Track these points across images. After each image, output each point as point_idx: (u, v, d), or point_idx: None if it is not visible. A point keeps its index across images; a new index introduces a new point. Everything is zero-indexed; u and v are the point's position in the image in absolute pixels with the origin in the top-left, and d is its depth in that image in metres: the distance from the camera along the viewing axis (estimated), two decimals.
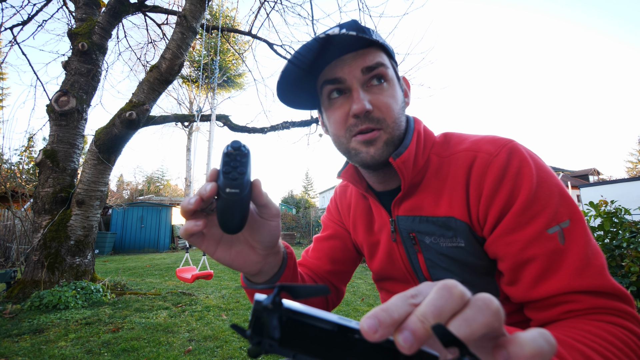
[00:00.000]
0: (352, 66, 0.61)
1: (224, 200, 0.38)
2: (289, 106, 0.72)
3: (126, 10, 4.80)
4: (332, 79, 0.63)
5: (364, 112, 0.60)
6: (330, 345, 0.25)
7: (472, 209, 0.60)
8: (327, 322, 0.25)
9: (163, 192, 33.53)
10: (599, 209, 2.34)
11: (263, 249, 0.50)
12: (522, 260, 0.53)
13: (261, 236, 0.48)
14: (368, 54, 0.61)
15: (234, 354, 2.48)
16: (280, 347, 0.25)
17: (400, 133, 0.64)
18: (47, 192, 4.12)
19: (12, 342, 2.61)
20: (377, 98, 0.61)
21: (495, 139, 0.62)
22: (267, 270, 0.55)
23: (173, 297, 4.20)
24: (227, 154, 0.39)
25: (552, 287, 0.50)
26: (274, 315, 0.24)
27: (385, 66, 0.62)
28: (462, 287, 0.25)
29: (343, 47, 0.60)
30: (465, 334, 0.23)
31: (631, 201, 8.73)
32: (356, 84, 0.61)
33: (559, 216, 0.52)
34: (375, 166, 0.65)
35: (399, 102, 0.64)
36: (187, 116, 6.65)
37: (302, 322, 0.25)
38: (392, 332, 0.24)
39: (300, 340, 0.25)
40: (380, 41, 0.62)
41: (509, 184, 0.55)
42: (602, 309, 0.48)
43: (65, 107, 4.21)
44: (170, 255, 10.41)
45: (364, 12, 5.49)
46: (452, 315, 0.24)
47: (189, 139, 19.67)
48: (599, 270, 0.49)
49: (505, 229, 0.55)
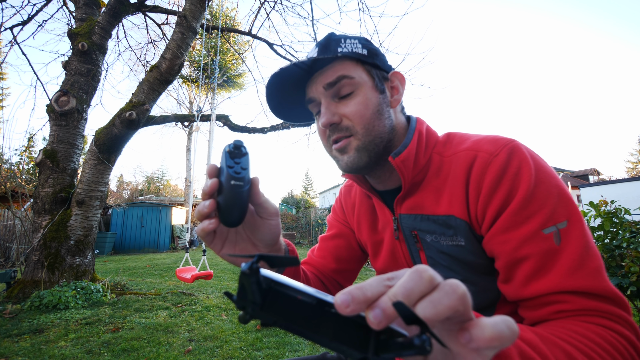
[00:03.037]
0: (317, 84, 0.66)
1: (227, 193, 0.40)
2: (289, 121, 0.78)
3: (126, 10, 4.80)
4: (308, 98, 0.69)
5: (329, 124, 0.65)
6: (308, 316, 0.28)
7: (471, 207, 0.60)
8: (306, 295, 0.28)
9: (163, 192, 33.53)
10: (599, 209, 2.34)
11: (264, 246, 0.53)
12: (516, 259, 0.53)
13: (262, 234, 0.51)
14: (330, 69, 0.65)
15: (234, 354, 2.48)
16: (262, 311, 0.27)
17: (378, 134, 0.65)
18: (47, 192, 4.11)
19: (12, 342, 2.61)
20: (344, 109, 0.65)
21: (496, 138, 0.62)
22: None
23: (173, 297, 4.20)
24: (229, 151, 0.41)
25: (543, 286, 0.50)
26: (252, 280, 0.26)
27: (349, 77, 0.64)
28: (432, 272, 0.26)
29: (310, 70, 0.66)
30: (431, 314, 0.25)
31: (631, 201, 8.73)
32: (323, 98, 0.66)
33: (556, 217, 0.52)
34: (355, 171, 0.68)
35: (372, 105, 0.65)
36: (187, 116, 6.65)
37: (284, 294, 0.28)
38: (364, 308, 0.26)
39: (280, 309, 0.27)
40: (344, 52, 0.64)
41: (508, 183, 0.56)
42: (594, 311, 0.48)
43: (65, 107, 4.21)
44: (170, 255, 10.41)
45: (364, 12, 5.49)
46: (421, 297, 0.26)
47: (189, 139, 19.67)
48: (593, 272, 0.49)
49: (501, 227, 0.55)
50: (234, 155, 0.41)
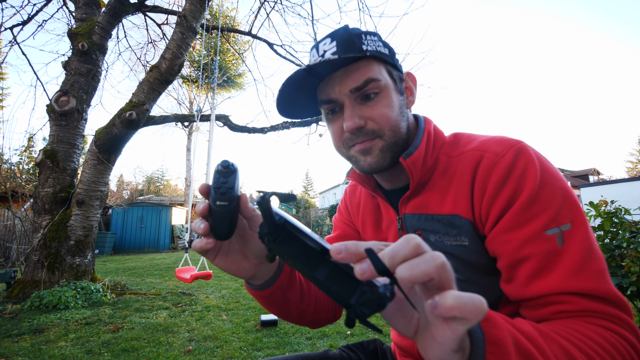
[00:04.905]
0: (342, 85, 0.63)
1: (215, 213, 0.45)
2: (292, 118, 0.76)
3: (126, 10, 4.80)
4: (326, 99, 0.66)
5: (355, 128, 0.63)
6: (311, 258, 0.34)
7: (476, 207, 0.61)
8: (312, 240, 0.34)
9: (163, 192, 33.53)
10: (599, 209, 2.34)
11: (254, 257, 0.54)
12: (517, 259, 0.53)
13: (252, 247, 0.53)
14: (356, 70, 0.62)
15: (234, 354, 2.48)
16: (274, 243, 0.35)
17: (402, 135, 0.65)
18: (47, 192, 4.11)
19: (12, 342, 2.61)
20: (370, 112, 0.63)
21: (503, 139, 0.62)
22: (261, 276, 0.59)
23: (173, 297, 4.20)
24: (217, 171, 0.46)
25: (545, 286, 0.50)
26: (263, 207, 0.34)
27: (376, 80, 0.62)
28: (419, 241, 0.30)
29: (331, 68, 0.62)
30: (406, 275, 0.28)
31: (631, 201, 8.73)
32: (347, 101, 0.63)
33: (560, 219, 0.52)
34: (377, 171, 0.67)
35: (396, 107, 0.65)
36: (187, 116, 6.65)
37: (294, 235, 0.35)
38: (354, 260, 0.31)
39: (290, 246, 0.35)
40: (370, 51, 0.62)
41: (513, 184, 0.56)
42: (595, 312, 0.48)
43: (65, 107, 4.21)
44: (170, 255, 10.41)
45: (364, 12, 5.49)
46: (404, 260, 0.30)
47: (189, 139, 19.66)
48: (596, 274, 0.49)
49: (504, 227, 0.55)
50: (222, 174, 0.45)
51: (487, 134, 0.67)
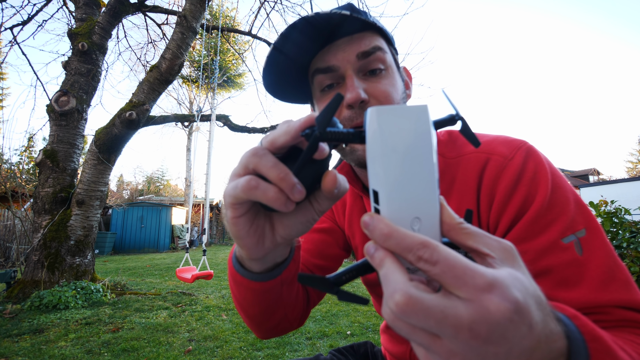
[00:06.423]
0: (346, 51, 0.55)
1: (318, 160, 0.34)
2: (281, 99, 0.67)
3: (126, 10, 4.80)
4: (324, 67, 0.57)
5: (359, 101, 0.54)
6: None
7: (483, 215, 0.55)
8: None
9: (163, 192, 33.53)
10: (599, 209, 2.34)
11: (281, 237, 0.40)
12: (535, 272, 0.47)
13: (287, 222, 0.39)
14: (364, 37, 0.56)
15: (234, 354, 2.48)
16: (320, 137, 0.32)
17: None
18: (47, 192, 4.12)
19: (12, 342, 2.61)
20: (375, 87, 0.56)
21: (509, 140, 0.57)
22: (270, 259, 0.46)
23: (173, 297, 4.20)
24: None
25: (573, 299, 0.45)
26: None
27: (384, 51, 0.57)
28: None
29: (335, 31, 0.54)
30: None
31: (631, 201, 8.72)
32: (350, 71, 0.56)
33: (575, 225, 0.48)
34: None
35: (400, 90, 0.59)
36: (187, 116, 6.66)
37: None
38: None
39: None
40: (378, 24, 0.57)
41: (524, 189, 0.51)
42: (635, 322, 0.44)
43: (65, 107, 4.21)
44: (170, 255, 10.41)
45: None
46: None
47: (189, 139, 19.67)
48: (625, 284, 0.45)
49: (518, 237, 0.50)
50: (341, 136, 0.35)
51: (486, 133, 0.63)
